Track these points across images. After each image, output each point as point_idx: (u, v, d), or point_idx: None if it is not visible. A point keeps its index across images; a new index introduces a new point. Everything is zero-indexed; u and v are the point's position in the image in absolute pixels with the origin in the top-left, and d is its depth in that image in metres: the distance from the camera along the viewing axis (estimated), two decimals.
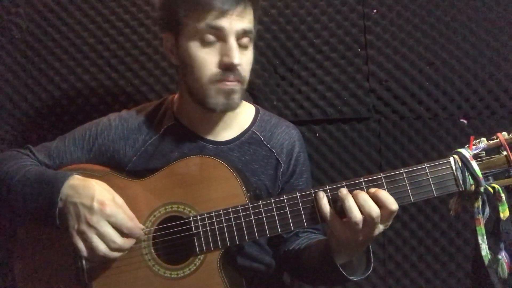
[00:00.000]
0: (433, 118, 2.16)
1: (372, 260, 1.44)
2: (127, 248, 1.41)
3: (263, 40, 2.16)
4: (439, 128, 2.16)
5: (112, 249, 1.38)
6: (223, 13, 1.44)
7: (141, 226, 1.44)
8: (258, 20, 1.60)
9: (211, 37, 1.47)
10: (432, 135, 2.16)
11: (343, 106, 2.17)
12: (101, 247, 1.36)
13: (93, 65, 2.22)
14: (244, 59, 1.51)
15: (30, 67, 2.22)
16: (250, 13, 1.52)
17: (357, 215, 1.26)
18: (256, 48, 1.72)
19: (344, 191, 1.30)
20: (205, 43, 1.48)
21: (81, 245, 1.37)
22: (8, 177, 1.51)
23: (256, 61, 2.11)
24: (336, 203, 1.32)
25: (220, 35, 1.47)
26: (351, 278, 1.41)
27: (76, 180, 1.42)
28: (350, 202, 1.27)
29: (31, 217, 1.47)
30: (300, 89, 2.19)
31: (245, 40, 1.51)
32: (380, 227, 1.29)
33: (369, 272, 1.44)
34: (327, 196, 1.34)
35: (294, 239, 1.71)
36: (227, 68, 1.47)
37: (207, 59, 1.48)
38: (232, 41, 1.47)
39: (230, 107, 1.54)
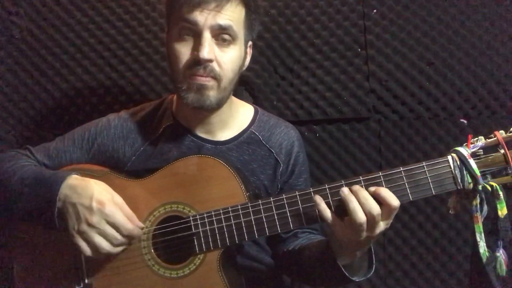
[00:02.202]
0: (433, 118, 2.16)
1: (374, 261, 1.44)
2: (129, 241, 1.42)
3: (263, 40, 2.16)
4: (439, 128, 2.16)
5: (115, 245, 1.39)
6: (196, 6, 1.45)
7: (141, 225, 1.45)
8: (252, 17, 1.59)
9: (186, 31, 1.49)
10: (432, 135, 2.16)
11: (343, 106, 2.17)
12: (104, 245, 1.37)
13: (93, 65, 2.23)
14: (222, 57, 1.51)
15: (30, 67, 2.23)
16: (233, 9, 1.50)
17: (361, 217, 1.25)
18: (256, 48, 1.72)
19: (346, 191, 1.29)
20: (181, 37, 1.50)
21: (83, 245, 1.38)
22: (6, 177, 1.51)
23: (256, 61, 2.12)
24: (337, 204, 1.32)
25: (195, 30, 1.47)
26: (353, 278, 1.41)
27: (74, 180, 1.43)
28: (354, 204, 1.26)
29: (30, 218, 1.47)
30: (300, 89, 2.19)
31: (225, 36, 1.50)
32: (381, 226, 1.29)
33: (371, 273, 1.44)
34: (327, 197, 1.33)
35: (293, 240, 1.71)
36: (196, 62, 1.47)
37: (181, 52, 1.50)
38: (205, 36, 1.47)
39: (204, 104, 1.53)
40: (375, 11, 2.15)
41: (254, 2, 1.59)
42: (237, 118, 1.72)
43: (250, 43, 1.66)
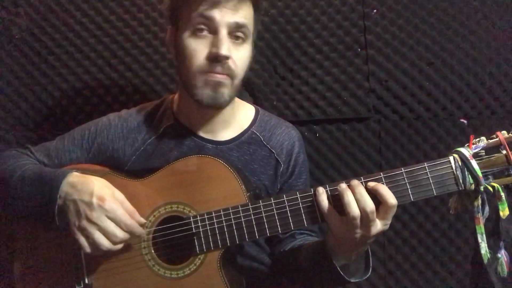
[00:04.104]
0: (433, 118, 2.16)
1: (371, 263, 1.44)
2: (129, 238, 1.42)
3: (263, 40, 2.16)
4: (439, 128, 2.16)
5: (114, 243, 1.39)
6: (215, 4, 1.45)
7: (143, 220, 1.45)
8: (258, 18, 1.61)
9: (202, 27, 1.48)
10: (432, 135, 2.16)
11: (343, 106, 2.17)
12: (104, 241, 1.37)
13: (93, 65, 2.22)
14: (236, 54, 1.51)
15: (30, 67, 2.22)
16: (247, 8, 1.52)
17: (355, 210, 1.26)
18: (256, 48, 1.72)
19: (343, 185, 1.30)
20: (196, 34, 1.49)
21: (83, 241, 1.38)
22: (7, 175, 1.51)
23: (256, 61, 2.12)
24: (335, 199, 1.32)
25: (212, 27, 1.48)
26: (349, 279, 1.41)
27: (75, 177, 1.43)
28: (349, 197, 1.27)
29: (31, 216, 1.47)
30: (300, 89, 2.19)
31: (239, 34, 1.51)
32: (378, 226, 1.29)
33: (368, 275, 1.44)
34: (327, 193, 1.34)
35: (290, 240, 1.71)
36: (214, 59, 1.47)
37: (197, 49, 1.49)
38: (223, 33, 1.48)
39: (217, 101, 1.53)
40: (375, 11, 2.15)
41: (261, 3, 1.62)
42: (238, 118, 1.72)
43: None
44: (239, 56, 1.52)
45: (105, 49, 2.23)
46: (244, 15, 1.50)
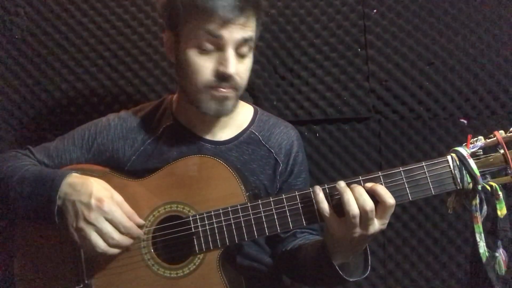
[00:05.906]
0: (433, 118, 2.16)
1: (369, 262, 1.43)
2: (126, 244, 1.41)
3: (263, 40, 2.16)
4: (439, 128, 2.16)
5: (110, 245, 1.38)
6: (225, 23, 1.42)
7: (142, 222, 1.45)
8: (260, 22, 1.57)
9: (209, 45, 1.46)
10: (432, 135, 2.16)
11: (343, 106, 2.17)
12: (100, 243, 1.37)
13: (93, 65, 2.23)
14: (241, 68, 1.51)
15: (30, 67, 2.23)
16: (253, 20, 1.50)
17: (354, 209, 1.25)
18: (256, 48, 1.71)
19: (342, 184, 1.29)
20: (202, 50, 1.47)
21: (80, 242, 1.38)
22: (7, 176, 1.51)
23: (256, 61, 2.11)
24: (334, 198, 1.32)
25: (219, 44, 1.45)
26: (348, 279, 1.41)
27: (74, 178, 1.43)
28: (348, 196, 1.26)
29: (30, 216, 1.47)
30: (300, 89, 2.19)
31: (244, 49, 1.50)
32: (376, 225, 1.28)
33: (367, 274, 1.43)
34: (327, 197, 1.33)
35: (292, 239, 1.71)
36: (222, 77, 1.46)
37: (203, 65, 1.47)
38: (230, 51, 1.46)
39: (223, 113, 1.55)
40: (375, 11, 2.15)
41: (261, 8, 1.57)
42: (237, 118, 1.72)
43: None
44: (244, 68, 1.53)
45: (105, 49, 2.23)
46: (251, 29, 1.49)
